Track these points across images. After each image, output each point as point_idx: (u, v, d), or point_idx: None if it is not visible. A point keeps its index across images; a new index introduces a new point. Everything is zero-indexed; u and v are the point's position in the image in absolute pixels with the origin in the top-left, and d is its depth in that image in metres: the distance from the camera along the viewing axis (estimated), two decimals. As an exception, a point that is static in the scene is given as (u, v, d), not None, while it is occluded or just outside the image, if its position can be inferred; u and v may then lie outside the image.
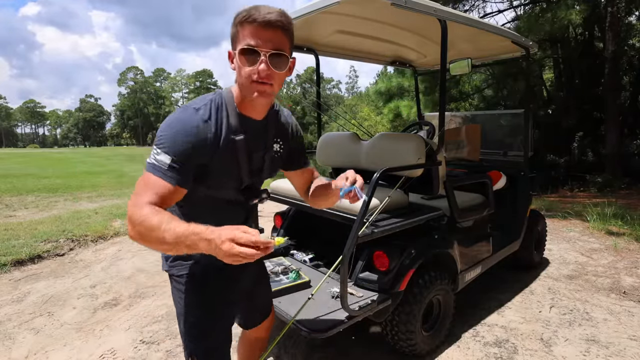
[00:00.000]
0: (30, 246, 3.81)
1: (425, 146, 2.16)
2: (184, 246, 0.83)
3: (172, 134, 0.96)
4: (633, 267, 3.42)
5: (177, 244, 0.83)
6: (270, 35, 0.94)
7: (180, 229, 0.83)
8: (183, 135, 0.96)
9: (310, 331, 1.66)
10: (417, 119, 4.27)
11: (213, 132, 1.01)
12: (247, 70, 0.96)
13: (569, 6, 6.35)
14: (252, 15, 0.93)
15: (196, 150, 0.97)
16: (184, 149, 0.95)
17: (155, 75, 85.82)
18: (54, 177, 11.48)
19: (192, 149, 0.96)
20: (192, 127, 0.97)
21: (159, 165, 0.93)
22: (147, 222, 0.85)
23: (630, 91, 9.85)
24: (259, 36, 0.93)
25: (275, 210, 2.84)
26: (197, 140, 0.97)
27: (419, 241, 2.02)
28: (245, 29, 0.94)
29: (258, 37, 0.93)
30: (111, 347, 2.26)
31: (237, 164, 1.09)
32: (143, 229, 0.86)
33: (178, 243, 0.83)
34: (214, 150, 1.01)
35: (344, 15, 2.17)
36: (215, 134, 1.01)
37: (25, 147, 70.07)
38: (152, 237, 0.85)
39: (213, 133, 1.01)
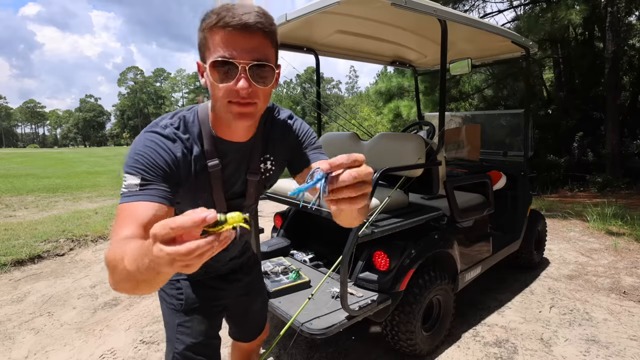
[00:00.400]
0: (30, 246, 3.81)
1: (425, 146, 2.16)
2: (147, 271, 0.55)
3: (135, 154, 0.81)
4: (633, 267, 3.42)
5: (140, 271, 0.56)
6: (249, 43, 0.75)
7: (135, 248, 0.59)
8: (147, 152, 0.81)
9: (310, 331, 1.66)
10: (417, 119, 4.27)
11: (181, 154, 0.86)
12: (222, 87, 0.77)
13: (569, 6, 6.35)
14: (224, 17, 0.73)
15: (167, 166, 0.82)
16: (152, 165, 0.80)
17: (155, 75, 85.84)
18: (54, 177, 11.48)
19: (160, 164, 0.81)
20: (156, 144, 0.83)
21: (130, 191, 0.76)
22: (111, 259, 0.62)
23: (630, 91, 9.84)
24: (234, 44, 0.75)
25: (275, 210, 2.84)
26: (166, 157, 0.83)
27: (419, 241, 2.02)
28: (216, 35, 0.75)
29: (233, 46, 0.75)
30: (111, 347, 2.26)
31: (209, 192, 0.95)
32: (111, 270, 0.63)
33: (140, 270, 0.56)
34: (184, 173, 0.88)
35: (344, 15, 2.17)
36: (185, 156, 0.87)
37: (25, 147, 70.12)
38: (119, 274, 0.61)
39: (182, 155, 0.86)
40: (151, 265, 0.54)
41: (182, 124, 0.90)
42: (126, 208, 0.74)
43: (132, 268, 0.58)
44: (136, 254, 0.57)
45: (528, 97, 3.60)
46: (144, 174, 0.78)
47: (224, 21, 0.73)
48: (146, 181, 0.78)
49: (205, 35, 0.78)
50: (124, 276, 0.60)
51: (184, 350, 1.11)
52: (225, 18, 0.73)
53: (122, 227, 0.71)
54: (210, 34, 0.76)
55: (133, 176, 0.78)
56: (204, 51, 0.79)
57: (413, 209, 2.15)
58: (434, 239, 2.11)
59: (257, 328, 1.41)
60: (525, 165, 3.09)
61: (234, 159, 0.96)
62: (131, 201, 0.75)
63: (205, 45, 0.79)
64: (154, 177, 0.79)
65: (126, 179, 0.78)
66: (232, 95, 0.77)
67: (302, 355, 2.15)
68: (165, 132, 0.86)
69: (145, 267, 0.55)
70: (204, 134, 0.90)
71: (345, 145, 2.69)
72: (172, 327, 1.14)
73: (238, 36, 0.74)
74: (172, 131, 0.87)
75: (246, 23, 0.74)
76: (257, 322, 1.41)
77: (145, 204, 0.75)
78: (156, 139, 0.84)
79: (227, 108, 0.80)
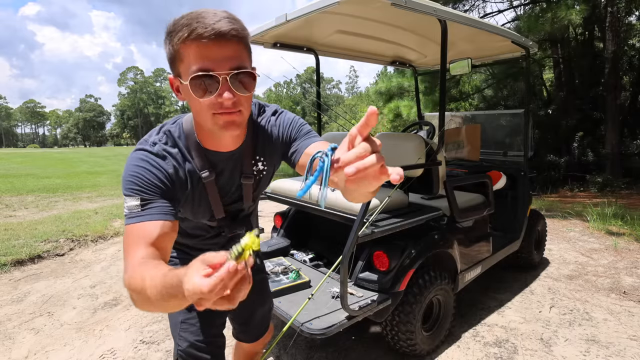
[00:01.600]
0: (30, 246, 3.81)
1: (425, 146, 2.16)
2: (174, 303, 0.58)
3: (129, 176, 0.82)
4: (633, 267, 3.42)
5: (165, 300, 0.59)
6: (226, 51, 0.73)
7: (161, 285, 0.59)
8: (142, 172, 0.82)
9: (310, 331, 1.66)
10: (417, 119, 4.27)
11: (173, 170, 0.87)
12: (204, 102, 0.75)
13: (569, 6, 6.35)
14: (195, 29, 0.70)
15: (162, 183, 0.84)
16: (147, 184, 0.81)
17: (155, 75, 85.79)
18: (54, 177, 11.48)
19: (158, 182, 0.83)
20: (147, 163, 0.84)
21: (132, 212, 0.78)
22: (133, 285, 0.65)
23: (630, 91, 9.84)
24: (211, 56, 0.72)
25: (275, 210, 2.84)
26: (158, 174, 0.84)
27: (419, 241, 2.02)
28: (189, 48, 0.72)
29: (210, 58, 0.72)
30: (111, 347, 2.26)
31: (207, 201, 0.97)
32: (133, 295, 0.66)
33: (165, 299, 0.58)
34: (179, 188, 0.89)
35: (344, 15, 2.17)
36: (176, 172, 0.88)
37: (25, 147, 70.13)
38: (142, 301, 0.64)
39: (174, 170, 0.88)
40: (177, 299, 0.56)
41: (170, 139, 0.90)
42: (132, 230, 0.77)
43: (156, 298, 0.60)
44: (159, 286, 0.59)
45: (528, 97, 3.60)
46: (142, 194, 0.80)
47: (196, 33, 0.70)
48: (145, 201, 0.79)
49: (176, 49, 0.74)
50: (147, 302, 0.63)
51: (187, 348, 1.11)
52: (197, 29, 0.70)
53: (133, 249, 0.73)
54: (184, 48, 0.73)
55: (132, 197, 0.79)
56: (177, 65, 0.76)
57: (413, 209, 2.15)
58: (434, 239, 2.11)
59: (261, 330, 1.41)
60: (525, 165, 3.09)
61: (226, 168, 0.96)
62: (135, 222, 0.77)
63: (178, 60, 0.75)
64: (152, 196, 0.81)
65: (127, 202, 0.80)
66: (216, 108, 0.76)
67: (302, 355, 2.15)
68: (154, 150, 0.86)
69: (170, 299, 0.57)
70: (192, 146, 0.90)
71: (345, 145, 2.69)
72: (175, 324, 1.14)
73: (213, 46, 0.71)
74: (162, 147, 0.88)
75: (220, 31, 0.70)
76: (261, 324, 1.41)
77: (150, 223, 0.77)
78: (146, 158, 0.85)
79: (212, 120, 0.78)
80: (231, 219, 1.09)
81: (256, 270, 1.35)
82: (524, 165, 3.10)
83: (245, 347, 1.47)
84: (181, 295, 0.52)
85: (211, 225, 1.09)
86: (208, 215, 1.03)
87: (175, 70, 0.78)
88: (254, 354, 1.49)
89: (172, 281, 0.56)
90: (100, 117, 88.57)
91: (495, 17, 9.61)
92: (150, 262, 0.69)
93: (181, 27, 0.72)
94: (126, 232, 0.78)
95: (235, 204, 1.07)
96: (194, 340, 1.12)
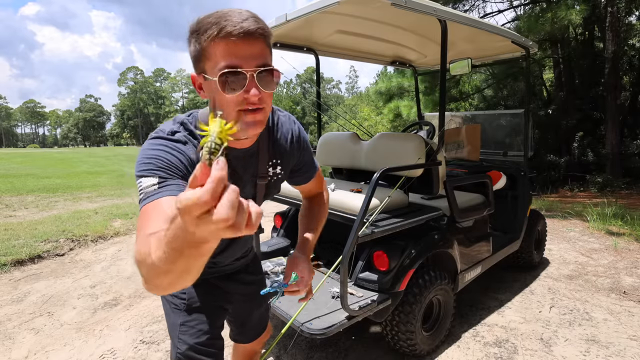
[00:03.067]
0: (30, 246, 3.81)
1: (425, 146, 2.16)
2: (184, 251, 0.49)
3: (149, 157, 0.78)
4: (633, 267, 3.42)
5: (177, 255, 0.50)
6: (253, 49, 0.75)
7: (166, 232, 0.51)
8: (163, 154, 0.80)
9: (310, 331, 1.66)
10: (417, 119, 4.27)
11: (194, 157, 0.84)
12: (231, 98, 0.76)
13: (569, 6, 6.36)
14: (224, 27, 0.72)
15: (182, 166, 0.81)
16: (167, 164, 0.78)
17: (155, 75, 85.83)
18: (54, 177, 11.48)
19: (178, 164, 0.80)
20: (170, 147, 0.82)
21: (147, 192, 0.73)
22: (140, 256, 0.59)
23: (630, 91, 9.84)
24: (239, 53, 0.74)
25: (275, 210, 2.84)
26: (180, 157, 0.81)
27: (419, 241, 2.02)
28: (217, 46, 0.74)
29: (239, 55, 0.74)
30: (111, 347, 2.26)
31: None
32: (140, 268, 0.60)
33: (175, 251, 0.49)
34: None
35: (344, 15, 2.17)
36: (196, 160, 0.84)
37: (25, 147, 70.14)
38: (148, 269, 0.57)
39: (195, 158, 0.84)
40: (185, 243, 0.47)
41: (186, 129, 0.89)
42: (147, 208, 0.70)
43: (158, 253, 0.53)
44: (160, 235, 0.53)
45: (528, 97, 3.60)
46: (160, 173, 0.76)
47: (225, 31, 0.72)
48: (163, 179, 0.76)
49: (203, 47, 0.75)
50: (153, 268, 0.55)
51: (186, 351, 1.11)
52: (226, 27, 0.72)
53: (146, 224, 0.66)
54: (212, 45, 0.74)
55: (149, 178, 0.75)
56: (203, 63, 0.77)
57: (413, 209, 2.15)
58: (434, 239, 2.12)
59: (258, 329, 1.41)
60: (525, 165, 3.09)
61: (239, 165, 0.96)
62: (151, 200, 0.71)
63: (204, 57, 0.76)
64: (170, 175, 0.77)
65: (142, 183, 0.75)
66: (242, 104, 0.77)
67: (302, 355, 2.15)
68: (175, 137, 0.85)
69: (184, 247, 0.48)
70: None
71: (345, 145, 2.70)
72: (174, 326, 1.14)
73: (242, 44, 0.73)
74: (183, 134, 0.86)
75: (248, 30, 0.73)
76: (259, 324, 1.41)
77: (168, 198, 0.71)
78: (166, 143, 0.83)
79: (237, 117, 0.78)
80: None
81: (253, 271, 1.34)
82: (524, 165, 3.10)
83: (243, 348, 1.46)
84: (185, 242, 0.47)
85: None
86: None
87: (199, 67, 0.79)
88: (253, 353, 1.49)
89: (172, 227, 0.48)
90: (100, 117, 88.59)
91: (495, 17, 9.61)
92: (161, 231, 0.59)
93: (210, 26, 0.73)
94: (140, 213, 0.71)
95: None
96: (193, 343, 1.11)
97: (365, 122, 17.37)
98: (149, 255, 0.56)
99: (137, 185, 0.77)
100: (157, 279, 0.57)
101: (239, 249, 1.21)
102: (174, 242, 0.48)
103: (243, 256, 1.27)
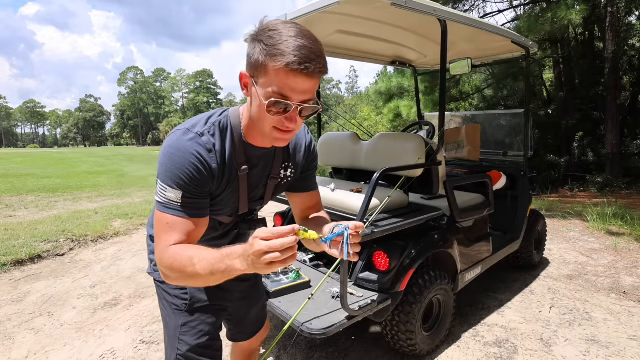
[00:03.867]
0: (30, 246, 3.81)
1: (425, 146, 2.16)
2: (219, 273, 0.78)
3: (175, 166, 0.86)
4: (633, 267, 3.42)
5: (213, 274, 0.78)
6: (307, 85, 0.79)
7: (212, 256, 0.78)
8: (188, 167, 0.86)
9: (310, 331, 1.66)
10: (417, 119, 4.27)
11: (217, 163, 0.92)
12: (272, 118, 0.82)
13: (569, 6, 6.35)
14: (293, 62, 0.75)
15: (204, 179, 0.89)
16: (191, 181, 0.86)
17: (155, 75, 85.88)
18: (54, 177, 11.48)
19: (200, 179, 0.88)
20: (196, 158, 0.87)
21: (171, 203, 0.86)
22: (177, 263, 0.82)
23: (630, 91, 9.84)
24: (295, 88, 0.78)
25: (275, 210, 2.84)
26: (202, 169, 0.88)
27: (419, 241, 2.02)
28: (280, 72, 0.77)
29: (293, 89, 0.78)
30: (111, 347, 2.26)
31: (236, 195, 1.02)
32: (176, 271, 0.82)
33: (213, 272, 0.78)
34: (218, 181, 0.94)
35: (344, 15, 2.17)
36: (219, 165, 0.92)
37: (25, 147, 70.14)
38: (187, 274, 0.81)
39: (217, 165, 0.92)
40: (227, 269, 0.76)
41: (217, 131, 0.93)
42: (171, 220, 0.86)
43: (205, 272, 0.78)
44: (211, 261, 0.77)
45: (528, 97, 3.60)
46: (185, 189, 0.86)
47: (292, 67, 0.75)
48: (187, 197, 0.87)
49: (266, 63, 0.77)
50: (192, 276, 0.80)
51: (187, 352, 1.11)
52: (294, 64, 0.75)
53: (168, 232, 0.86)
54: (275, 69, 0.77)
55: (174, 190, 0.85)
56: (259, 73, 0.80)
57: (413, 209, 2.15)
58: (434, 239, 2.11)
59: (257, 326, 1.42)
60: (525, 165, 3.09)
61: (259, 164, 1.02)
62: (174, 215, 0.86)
63: (263, 71, 0.79)
64: (194, 193, 0.88)
65: (166, 190, 0.86)
66: (278, 124, 0.84)
67: (302, 355, 2.15)
68: (202, 141, 0.89)
69: (221, 271, 0.77)
70: (236, 139, 0.95)
71: (345, 145, 2.69)
72: (174, 327, 1.13)
73: (300, 80, 0.77)
74: (209, 140, 0.90)
75: (312, 72, 0.77)
76: (257, 321, 1.41)
77: (187, 220, 0.87)
78: (195, 151, 0.87)
79: (270, 133, 0.86)
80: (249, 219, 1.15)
81: None
82: (524, 165, 3.10)
83: (242, 346, 1.47)
84: (229, 267, 0.76)
85: (225, 222, 1.11)
86: (232, 209, 1.06)
87: (254, 73, 0.82)
88: (252, 351, 1.49)
89: (229, 250, 0.77)
90: (100, 117, 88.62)
91: (495, 17, 9.62)
92: (192, 247, 0.85)
93: (280, 52, 0.75)
94: (160, 217, 0.87)
95: (256, 202, 1.12)
96: (194, 344, 1.11)
97: (365, 122, 17.36)
98: (191, 266, 0.80)
99: (159, 187, 0.87)
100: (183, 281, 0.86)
101: None
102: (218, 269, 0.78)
103: None
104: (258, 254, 0.70)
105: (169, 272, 0.84)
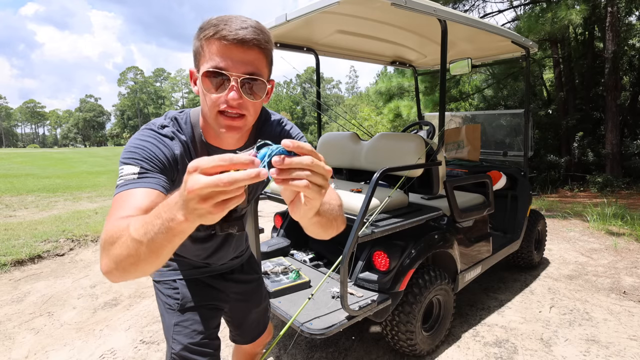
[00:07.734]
0: (30, 246, 3.81)
1: (425, 146, 2.16)
2: (160, 234, 0.55)
3: (135, 147, 0.81)
4: (633, 267, 3.42)
5: (147, 234, 0.56)
6: (244, 56, 0.76)
7: (147, 217, 0.58)
8: (149, 145, 0.82)
9: (310, 331, 1.66)
10: (417, 119, 4.27)
11: (179, 152, 0.88)
12: (212, 97, 0.78)
13: (569, 6, 6.35)
14: (221, 30, 0.74)
15: (166, 160, 0.83)
16: (151, 156, 0.81)
17: (155, 75, 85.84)
18: (54, 177, 11.48)
19: (162, 158, 0.83)
20: (157, 140, 0.84)
21: (126, 179, 0.75)
22: (110, 234, 0.62)
23: (630, 91, 9.84)
24: (229, 56, 0.75)
25: (275, 210, 2.84)
26: (165, 151, 0.84)
27: (419, 241, 2.02)
28: (211, 45, 0.76)
29: (228, 58, 0.75)
30: (111, 347, 2.26)
31: None
32: (109, 247, 0.62)
33: (147, 233, 0.56)
34: (180, 172, 0.87)
35: (344, 15, 2.17)
36: (182, 156, 0.88)
37: (25, 147, 70.12)
38: (120, 248, 0.60)
39: (179, 153, 0.88)
40: (164, 224, 0.54)
41: (176, 124, 0.91)
42: (122, 195, 0.72)
43: (139, 234, 0.57)
44: (145, 218, 0.58)
45: (528, 97, 3.60)
46: (143, 164, 0.78)
47: (220, 34, 0.75)
48: (145, 170, 0.78)
49: (201, 44, 0.78)
50: (126, 248, 0.59)
51: (180, 351, 1.10)
52: (222, 31, 0.74)
53: (118, 210, 0.69)
54: (207, 44, 0.77)
55: (131, 166, 0.77)
56: (199, 59, 0.80)
57: (413, 209, 2.15)
58: (434, 239, 2.12)
59: (257, 331, 1.41)
60: (525, 165, 3.09)
61: None
62: (128, 189, 0.73)
63: (200, 54, 0.79)
64: (152, 168, 0.79)
65: (122, 170, 0.77)
66: (221, 105, 0.78)
67: (302, 355, 2.15)
68: (163, 131, 0.88)
69: (157, 228, 0.55)
70: (196, 138, 0.92)
71: (345, 145, 2.69)
72: (169, 327, 1.13)
73: (234, 49, 0.75)
74: (171, 130, 0.89)
75: (243, 38, 0.75)
76: (257, 325, 1.40)
77: (144, 190, 0.73)
78: (155, 135, 0.86)
79: (215, 119, 0.81)
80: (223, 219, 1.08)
81: (251, 271, 1.34)
82: (524, 165, 3.10)
83: (243, 349, 1.46)
84: (167, 219, 0.54)
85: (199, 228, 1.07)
86: None
87: (196, 62, 0.82)
88: (253, 355, 1.48)
89: (164, 203, 0.56)
90: (100, 117, 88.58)
91: (495, 17, 9.63)
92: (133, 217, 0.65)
93: (209, 26, 0.76)
94: (114, 199, 0.73)
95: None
96: (187, 343, 1.10)
97: (365, 122, 17.35)
98: (125, 232, 0.59)
99: (119, 172, 0.78)
100: (122, 259, 0.60)
101: (231, 252, 1.21)
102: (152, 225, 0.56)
103: (238, 256, 1.27)
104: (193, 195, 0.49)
105: (104, 249, 0.63)
